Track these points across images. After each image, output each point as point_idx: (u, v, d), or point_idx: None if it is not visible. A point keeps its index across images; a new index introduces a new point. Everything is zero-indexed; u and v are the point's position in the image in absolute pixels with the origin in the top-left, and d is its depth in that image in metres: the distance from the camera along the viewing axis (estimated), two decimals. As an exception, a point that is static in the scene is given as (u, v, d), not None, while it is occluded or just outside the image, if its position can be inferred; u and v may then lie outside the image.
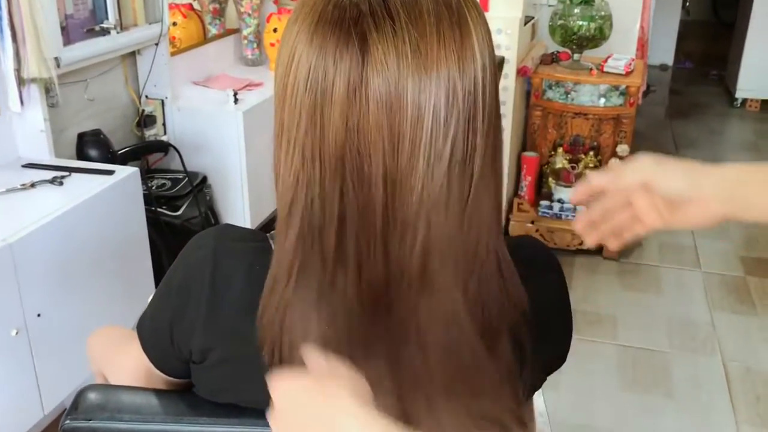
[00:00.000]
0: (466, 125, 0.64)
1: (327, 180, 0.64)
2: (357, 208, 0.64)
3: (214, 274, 0.76)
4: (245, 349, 0.76)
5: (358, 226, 0.65)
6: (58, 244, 1.58)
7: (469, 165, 0.65)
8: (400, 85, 0.61)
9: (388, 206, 0.64)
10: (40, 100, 1.81)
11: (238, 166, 2.36)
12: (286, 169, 0.68)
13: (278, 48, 0.69)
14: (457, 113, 0.62)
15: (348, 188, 0.63)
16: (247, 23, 2.82)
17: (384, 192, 0.63)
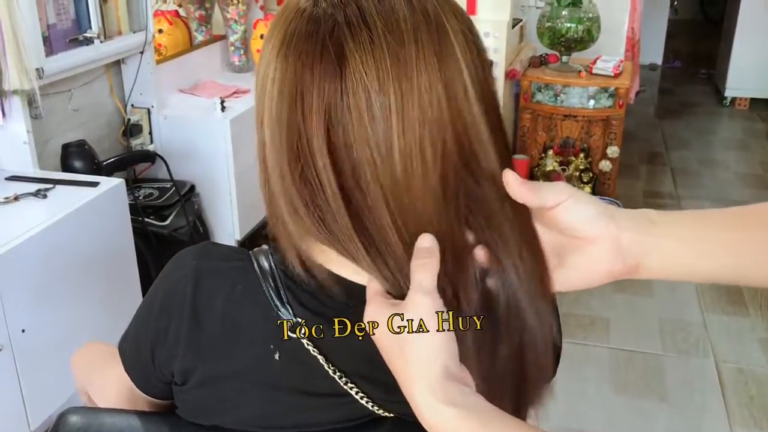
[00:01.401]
0: (455, 128, 0.62)
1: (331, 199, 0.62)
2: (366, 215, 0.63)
3: (195, 295, 0.74)
4: (228, 370, 0.75)
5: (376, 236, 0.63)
6: (43, 258, 1.55)
7: (473, 163, 0.63)
8: (382, 95, 0.59)
9: (395, 217, 0.62)
10: (23, 112, 1.78)
11: (225, 174, 2.34)
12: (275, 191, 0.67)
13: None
14: (445, 118, 0.61)
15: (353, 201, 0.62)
16: (233, 30, 2.80)
17: (386, 205, 0.62)
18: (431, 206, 0.62)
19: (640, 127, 4.85)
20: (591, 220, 0.62)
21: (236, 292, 0.74)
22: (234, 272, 0.75)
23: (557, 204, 0.62)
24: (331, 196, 0.63)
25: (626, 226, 0.62)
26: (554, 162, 3.16)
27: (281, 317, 0.72)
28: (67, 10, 1.92)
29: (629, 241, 0.61)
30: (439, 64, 0.61)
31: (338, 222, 0.63)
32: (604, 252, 0.62)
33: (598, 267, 0.62)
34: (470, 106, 0.62)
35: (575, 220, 0.62)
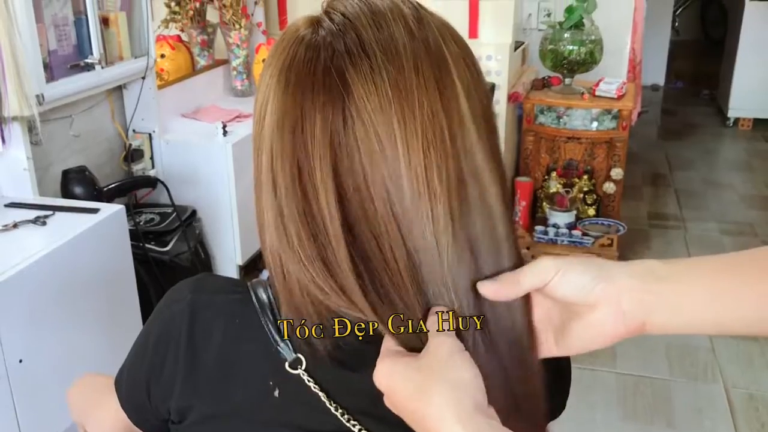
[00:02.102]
0: (456, 153, 0.60)
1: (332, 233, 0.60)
2: (370, 248, 0.60)
3: (191, 331, 0.72)
4: (226, 408, 0.72)
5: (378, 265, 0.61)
6: (41, 286, 1.53)
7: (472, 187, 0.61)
8: (385, 123, 0.58)
9: (407, 245, 0.60)
10: (23, 139, 1.77)
11: (227, 199, 2.32)
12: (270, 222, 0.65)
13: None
14: (447, 145, 0.59)
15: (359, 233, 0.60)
16: (236, 54, 2.80)
17: (398, 232, 0.60)
18: (442, 239, 0.60)
19: (644, 148, 4.84)
20: (585, 288, 0.59)
21: (234, 326, 0.72)
22: (231, 306, 0.73)
23: (545, 284, 0.60)
24: (332, 230, 0.61)
25: (626, 287, 0.58)
26: (558, 184, 3.14)
27: (281, 353, 0.70)
28: (68, 35, 1.92)
29: (631, 303, 0.58)
30: (440, 91, 0.60)
31: (337, 257, 0.61)
32: (604, 317, 0.59)
33: (600, 332, 0.59)
34: (466, 134, 0.60)
35: (568, 293, 0.59)
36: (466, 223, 0.61)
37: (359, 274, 0.60)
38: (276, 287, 0.70)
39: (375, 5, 0.62)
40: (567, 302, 0.60)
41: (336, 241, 0.61)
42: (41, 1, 1.81)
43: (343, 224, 0.60)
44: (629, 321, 0.58)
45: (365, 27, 0.61)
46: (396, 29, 0.61)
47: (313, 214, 0.61)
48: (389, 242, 0.60)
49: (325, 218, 0.60)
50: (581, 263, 0.60)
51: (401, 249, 0.60)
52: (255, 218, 0.69)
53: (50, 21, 1.85)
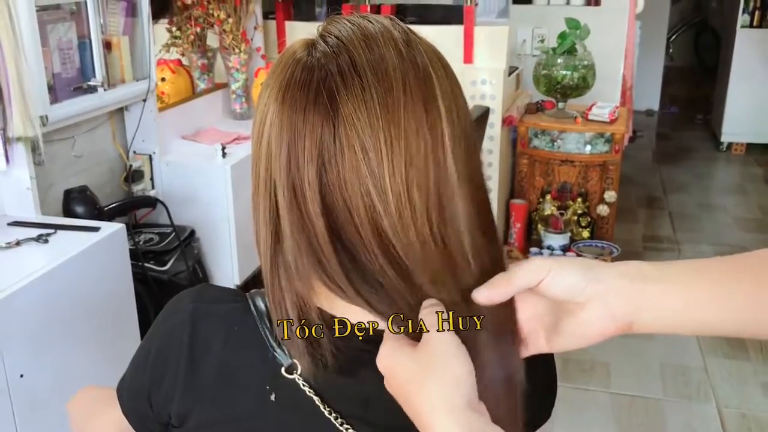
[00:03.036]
0: (439, 171, 0.64)
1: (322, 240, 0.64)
2: (358, 254, 0.64)
3: (192, 338, 0.75)
4: (225, 414, 0.75)
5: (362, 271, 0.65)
6: (43, 303, 1.56)
7: (450, 204, 0.65)
8: (373, 138, 0.61)
9: (388, 251, 0.63)
10: (26, 159, 1.81)
11: (226, 219, 2.36)
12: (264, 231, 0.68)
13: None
14: (431, 161, 0.63)
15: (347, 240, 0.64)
16: (235, 78, 2.85)
17: (380, 239, 0.63)
18: (423, 249, 0.64)
19: (639, 172, 4.90)
20: (576, 287, 0.62)
21: (233, 335, 0.75)
22: (231, 315, 0.76)
23: (537, 283, 0.62)
24: (322, 237, 0.64)
25: (615, 286, 0.61)
26: (552, 206, 3.18)
27: (277, 359, 0.73)
28: (72, 59, 1.96)
29: (619, 302, 0.61)
30: (426, 110, 0.64)
31: (329, 261, 0.65)
32: (594, 316, 0.61)
33: (589, 330, 0.62)
34: (447, 151, 0.64)
35: (559, 292, 0.62)
36: (444, 231, 0.65)
37: (348, 274, 0.64)
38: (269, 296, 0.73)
39: (367, 29, 0.67)
40: (558, 300, 0.63)
41: (326, 247, 0.64)
42: (46, 26, 1.86)
43: (330, 232, 0.64)
44: (618, 319, 0.61)
45: (357, 49, 0.65)
46: (386, 51, 0.65)
47: (305, 223, 0.65)
48: (374, 249, 0.64)
49: (315, 227, 0.64)
50: (572, 263, 0.63)
51: (386, 255, 0.64)
52: (253, 232, 0.72)
53: (55, 45, 1.90)
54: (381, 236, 0.64)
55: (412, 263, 0.64)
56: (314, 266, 0.66)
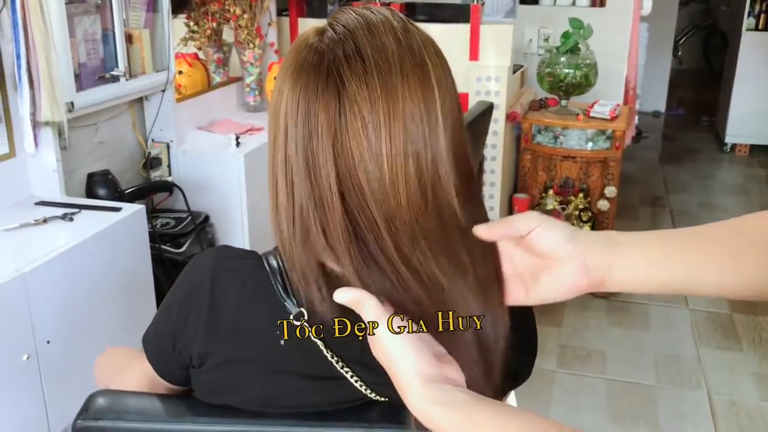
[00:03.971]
0: (431, 141, 0.74)
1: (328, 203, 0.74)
2: (358, 215, 0.74)
3: (213, 288, 0.86)
4: (239, 355, 0.86)
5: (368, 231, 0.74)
6: (68, 275, 1.67)
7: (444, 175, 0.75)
8: (373, 114, 0.72)
9: (387, 216, 0.73)
10: (53, 143, 1.93)
11: (239, 206, 2.47)
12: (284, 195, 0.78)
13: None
14: (422, 138, 0.73)
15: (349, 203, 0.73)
16: (249, 72, 2.96)
17: (376, 204, 0.73)
18: (414, 210, 0.74)
19: (643, 172, 4.98)
20: (559, 243, 0.72)
21: (248, 286, 0.85)
22: (246, 270, 0.87)
23: (530, 231, 0.73)
24: (330, 198, 0.74)
25: (590, 249, 0.72)
26: (554, 201, 3.27)
27: (287, 308, 0.83)
28: (96, 50, 2.08)
29: (593, 261, 0.71)
30: (420, 90, 0.74)
31: (334, 221, 0.75)
32: (570, 270, 0.72)
33: (566, 283, 0.72)
34: (439, 126, 0.74)
35: (546, 244, 0.72)
36: (435, 198, 0.75)
37: (349, 236, 0.74)
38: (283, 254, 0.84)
39: (370, 18, 0.77)
40: (541, 253, 0.73)
41: (333, 209, 0.75)
42: (74, 18, 1.97)
43: (339, 196, 0.74)
44: (591, 275, 0.72)
45: (361, 36, 0.75)
46: (386, 38, 0.75)
47: (318, 188, 0.75)
48: (371, 213, 0.74)
49: (326, 191, 0.74)
50: (558, 223, 0.74)
51: (381, 218, 0.74)
52: (269, 204, 0.82)
53: (81, 36, 2.01)
54: (378, 202, 0.74)
55: (405, 227, 0.74)
56: (322, 232, 0.76)
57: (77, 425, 0.91)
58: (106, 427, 0.91)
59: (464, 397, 0.67)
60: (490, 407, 0.66)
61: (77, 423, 0.91)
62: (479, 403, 0.67)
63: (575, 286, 0.73)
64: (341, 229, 0.74)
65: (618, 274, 0.72)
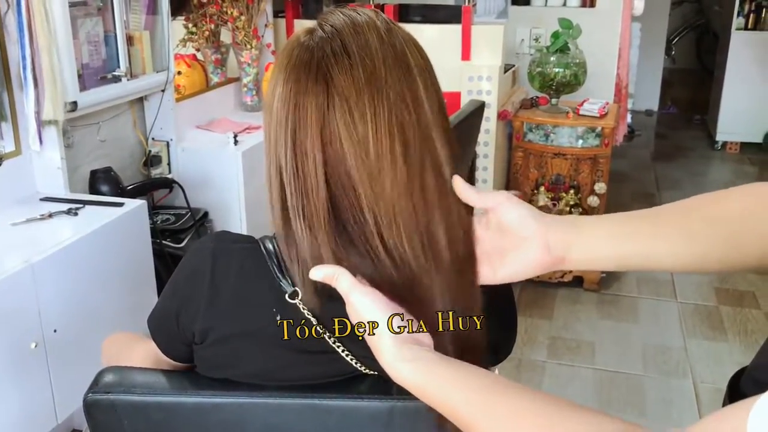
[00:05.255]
0: (415, 131, 0.81)
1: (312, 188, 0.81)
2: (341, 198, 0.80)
3: (213, 269, 0.93)
4: (239, 330, 0.93)
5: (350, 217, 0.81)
6: (74, 267, 1.74)
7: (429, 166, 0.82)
8: (359, 105, 0.79)
9: (371, 201, 0.80)
10: (58, 141, 2.00)
11: (237, 202, 2.54)
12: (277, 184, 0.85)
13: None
14: (407, 123, 0.80)
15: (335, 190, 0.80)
16: (246, 72, 3.03)
17: (363, 186, 0.80)
18: (397, 191, 0.81)
19: (635, 169, 5.05)
20: (525, 220, 0.78)
21: (246, 267, 0.92)
22: (244, 252, 0.94)
23: (497, 204, 0.80)
24: (315, 184, 0.81)
25: (553, 229, 0.78)
26: (546, 198, 3.34)
27: (282, 287, 0.90)
28: (99, 51, 2.15)
29: (555, 240, 0.78)
30: (403, 81, 0.81)
31: (318, 206, 0.81)
32: (534, 248, 0.78)
33: (531, 260, 0.79)
34: (422, 116, 0.81)
35: (511, 219, 0.79)
36: (420, 181, 0.82)
37: (331, 220, 0.81)
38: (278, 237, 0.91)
39: (355, 19, 0.84)
40: (507, 229, 0.80)
41: (318, 194, 0.81)
42: (77, 20, 2.05)
43: (325, 181, 0.81)
44: (553, 253, 0.78)
45: (347, 35, 0.82)
46: (370, 36, 0.83)
47: (304, 173, 0.82)
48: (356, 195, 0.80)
49: (312, 177, 0.81)
50: (524, 203, 0.81)
51: (365, 201, 0.80)
52: (265, 210, 0.89)
53: (84, 38, 2.09)
54: (365, 185, 0.80)
55: (387, 208, 0.80)
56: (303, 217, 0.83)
57: (88, 399, 0.98)
58: (115, 400, 0.97)
59: (431, 356, 0.75)
60: (453, 364, 0.74)
61: (88, 397, 0.98)
62: (443, 360, 0.75)
63: (539, 263, 0.79)
64: (323, 214, 0.81)
65: (576, 252, 0.78)
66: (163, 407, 0.98)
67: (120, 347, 1.23)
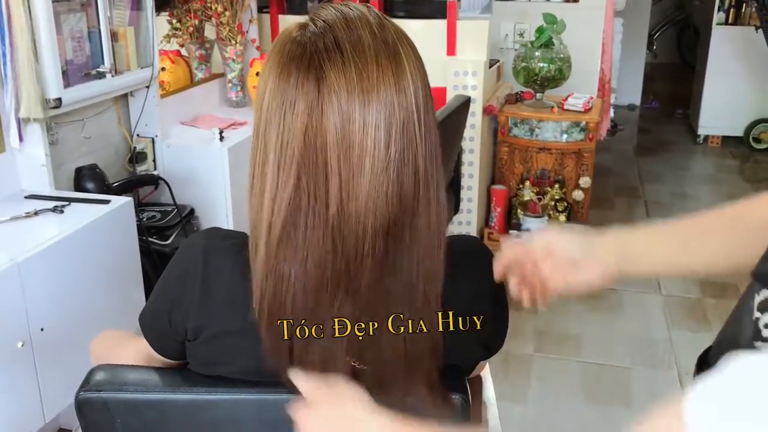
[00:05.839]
0: (404, 134, 0.81)
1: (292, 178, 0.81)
2: (314, 201, 0.80)
3: (205, 266, 0.93)
4: (231, 327, 0.93)
5: (313, 218, 0.81)
6: (60, 265, 1.73)
7: (409, 165, 0.82)
8: (350, 104, 0.78)
9: (342, 200, 0.80)
10: (42, 138, 1.98)
11: (223, 199, 2.52)
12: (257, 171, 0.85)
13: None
14: (396, 125, 0.80)
15: (306, 183, 0.80)
16: (231, 68, 3.02)
17: (338, 188, 0.80)
18: (375, 186, 0.80)
19: (618, 164, 5.09)
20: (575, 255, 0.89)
21: (237, 264, 0.92)
22: (235, 248, 0.93)
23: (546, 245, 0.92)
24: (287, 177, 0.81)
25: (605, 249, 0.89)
26: (531, 192, 3.36)
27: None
28: (83, 47, 2.13)
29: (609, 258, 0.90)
30: (395, 80, 0.81)
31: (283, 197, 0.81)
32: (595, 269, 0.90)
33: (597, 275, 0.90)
34: (412, 112, 0.81)
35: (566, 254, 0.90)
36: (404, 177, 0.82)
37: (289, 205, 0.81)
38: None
39: (347, 14, 0.84)
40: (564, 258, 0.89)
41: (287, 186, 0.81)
42: (60, 16, 2.02)
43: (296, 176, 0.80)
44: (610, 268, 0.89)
45: (340, 30, 0.82)
46: (363, 32, 0.82)
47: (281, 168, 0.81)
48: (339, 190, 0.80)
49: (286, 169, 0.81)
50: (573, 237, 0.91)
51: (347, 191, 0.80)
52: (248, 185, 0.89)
53: (68, 34, 2.06)
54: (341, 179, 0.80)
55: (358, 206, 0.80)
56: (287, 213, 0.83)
57: (79, 397, 0.97)
58: (107, 398, 0.97)
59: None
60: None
61: (79, 395, 0.97)
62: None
63: (600, 278, 0.90)
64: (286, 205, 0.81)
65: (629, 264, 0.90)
66: (155, 405, 0.98)
67: (110, 346, 1.22)
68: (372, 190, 0.80)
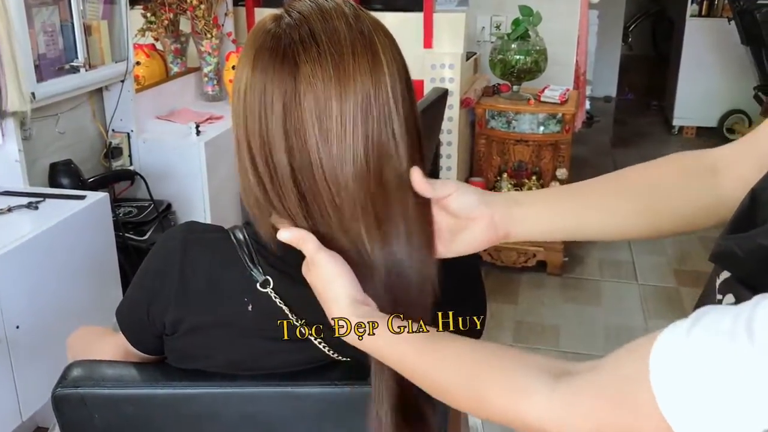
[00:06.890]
0: (382, 124, 0.81)
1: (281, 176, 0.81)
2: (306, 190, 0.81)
3: (183, 259, 0.92)
4: (210, 320, 0.92)
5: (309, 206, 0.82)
6: (35, 262, 1.71)
7: (390, 155, 0.82)
8: (326, 95, 0.78)
9: (330, 187, 0.80)
10: (16, 133, 1.95)
11: (200, 193, 2.51)
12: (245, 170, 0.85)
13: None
14: (373, 115, 0.80)
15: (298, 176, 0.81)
16: (207, 62, 3.00)
17: (323, 175, 0.80)
18: (356, 178, 0.81)
19: (594, 155, 5.13)
20: (472, 205, 0.84)
21: (217, 257, 0.92)
22: (215, 242, 0.93)
23: (447, 195, 0.84)
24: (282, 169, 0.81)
25: (498, 210, 0.84)
26: (509, 184, 3.38)
27: (253, 276, 0.90)
28: (55, 41, 2.10)
29: (499, 218, 0.84)
30: (371, 71, 0.81)
31: (287, 190, 0.81)
32: (482, 227, 0.85)
33: (479, 238, 0.85)
34: (388, 103, 0.81)
35: (461, 206, 0.84)
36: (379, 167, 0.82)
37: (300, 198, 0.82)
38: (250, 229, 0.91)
39: (323, 5, 0.84)
40: (459, 214, 0.84)
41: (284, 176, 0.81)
42: (32, 9, 2.00)
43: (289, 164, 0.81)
44: (498, 230, 0.85)
45: (315, 21, 0.82)
46: (338, 23, 0.82)
47: (275, 162, 0.82)
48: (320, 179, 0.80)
49: (278, 161, 0.81)
50: (472, 189, 0.85)
51: (328, 182, 0.80)
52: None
53: (40, 27, 2.04)
54: (328, 175, 0.80)
55: (348, 199, 0.80)
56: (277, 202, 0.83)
57: (56, 393, 0.96)
58: (85, 394, 0.96)
59: (383, 314, 0.80)
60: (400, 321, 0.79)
61: (56, 391, 0.96)
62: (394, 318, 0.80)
63: (486, 240, 0.86)
64: (294, 200, 0.82)
65: (519, 227, 0.86)
66: (134, 400, 0.97)
67: (87, 342, 1.21)
68: (356, 184, 0.80)
